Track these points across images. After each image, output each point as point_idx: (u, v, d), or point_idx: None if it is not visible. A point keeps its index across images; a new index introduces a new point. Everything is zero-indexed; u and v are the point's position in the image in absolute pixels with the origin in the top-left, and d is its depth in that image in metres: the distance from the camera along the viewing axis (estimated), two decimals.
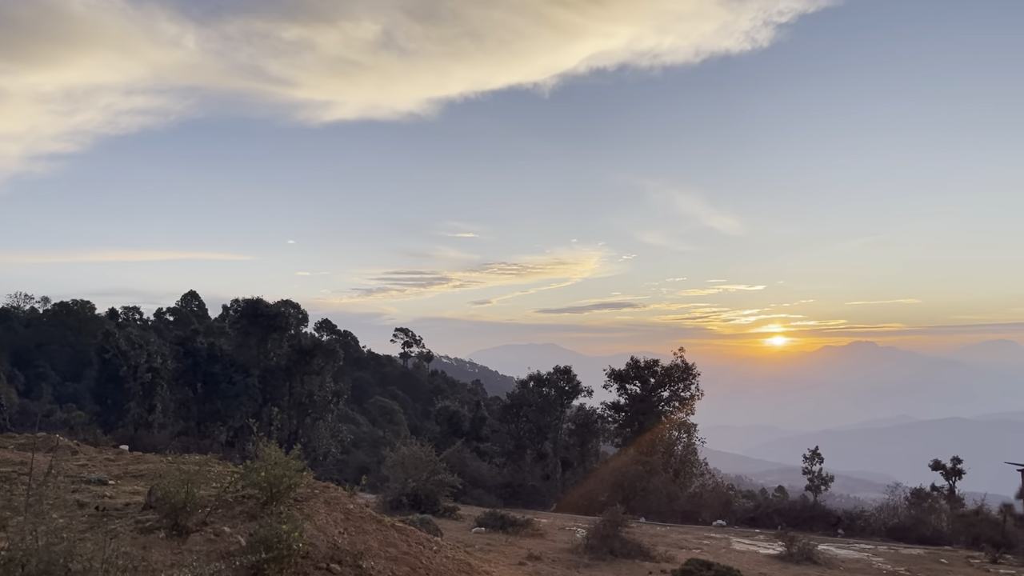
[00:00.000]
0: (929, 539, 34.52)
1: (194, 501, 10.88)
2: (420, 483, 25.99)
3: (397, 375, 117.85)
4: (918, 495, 43.71)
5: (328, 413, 60.58)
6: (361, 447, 70.89)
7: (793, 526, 32.03)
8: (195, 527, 10.92)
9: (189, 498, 10.73)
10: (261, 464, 11.75)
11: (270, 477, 11.69)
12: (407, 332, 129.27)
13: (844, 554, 26.38)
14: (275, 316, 62.62)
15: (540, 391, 56.28)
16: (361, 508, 15.18)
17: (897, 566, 24.40)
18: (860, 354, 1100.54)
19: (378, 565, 12.73)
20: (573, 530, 25.58)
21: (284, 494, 12.15)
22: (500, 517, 24.06)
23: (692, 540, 27.47)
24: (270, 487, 11.81)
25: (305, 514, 12.62)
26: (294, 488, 12.68)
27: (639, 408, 52.99)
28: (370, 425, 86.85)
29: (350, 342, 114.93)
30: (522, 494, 44.24)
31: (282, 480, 11.88)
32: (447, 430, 57.55)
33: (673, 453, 51.22)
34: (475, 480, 42.67)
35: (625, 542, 20.85)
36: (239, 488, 12.16)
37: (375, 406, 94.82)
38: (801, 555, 23.65)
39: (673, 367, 53.96)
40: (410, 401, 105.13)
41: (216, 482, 12.76)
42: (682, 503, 40.23)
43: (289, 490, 12.39)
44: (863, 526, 36.85)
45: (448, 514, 25.85)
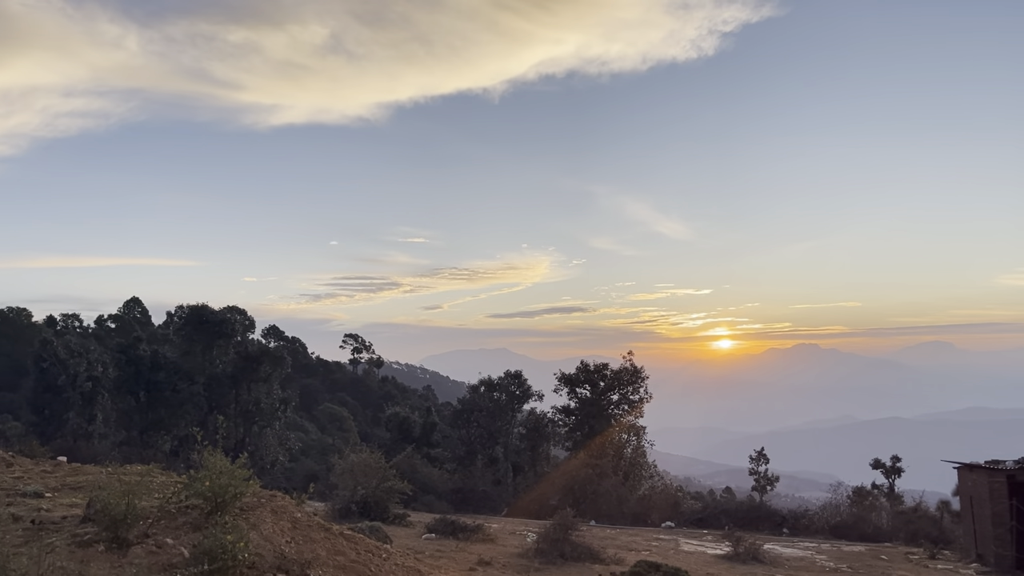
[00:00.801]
0: (870, 536, 35.42)
1: (135, 513, 10.59)
2: (369, 490, 25.78)
3: (347, 382, 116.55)
4: (860, 493, 44.87)
5: (276, 421, 59.67)
6: (310, 455, 69.94)
7: (740, 526, 32.55)
8: (136, 539, 10.65)
9: (130, 510, 10.44)
10: (205, 474, 11.52)
11: (215, 487, 11.45)
12: (357, 338, 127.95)
13: (789, 553, 26.91)
14: (221, 323, 61.51)
15: (491, 396, 56.27)
16: (309, 516, 14.99)
17: (839, 563, 24.99)
18: (804, 356, 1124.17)
19: (326, 574, 12.58)
20: (524, 535, 25.64)
21: (229, 504, 11.91)
22: (450, 523, 24.00)
23: (641, 542, 27.74)
24: (215, 497, 11.56)
25: (251, 524, 12.41)
26: (240, 497, 12.45)
27: (589, 412, 53.34)
28: (319, 432, 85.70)
29: (298, 349, 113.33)
30: (473, 499, 44.15)
31: (227, 490, 11.64)
32: (397, 436, 57.20)
33: (623, 456, 51.66)
34: (426, 486, 42.46)
35: (575, 545, 20.97)
36: (182, 498, 11.90)
37: (324, 413, 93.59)
38: (747, 555, 24.07)
39: (622, 370, 54.46)
40: (360, 408, 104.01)
41: (159, 493, 12.45)
42: (632, 505, 40.60)
43: (235, 500, 12.15)
44: (807, 525, 37.64)
45: (398, 521, 25.68)
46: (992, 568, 24.42)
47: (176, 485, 12.66)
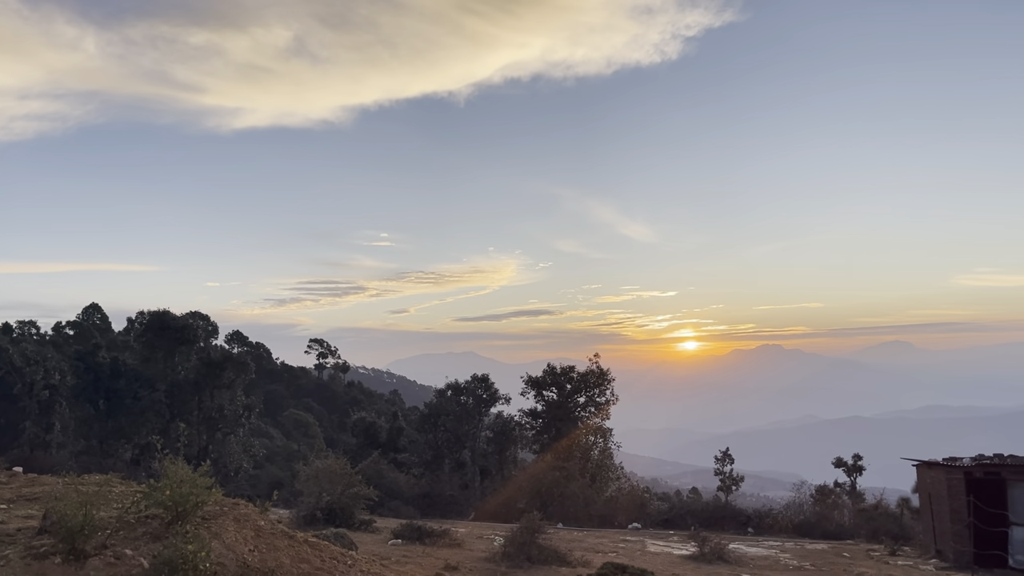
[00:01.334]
0: (833, 534, 35.92)
1: (93, 524, 10.38)
2: (335, 497, 25.55)
3: (312, 387, 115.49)
4: (822, 492, 45.51)
5: (239, 427, 58.90)
6: (275, 461, 69.20)
7: (706, 526, 32.84)
8: (94, 551, 10.44)
9: (87, 520, 10.23)
10: (166, 482, 11.35)
11: (175, 495, 11.29)
12: (322, 343, 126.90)
13: (754, 552, 27.19)
14: (183, 328, 60.59)
15: (458, 400, 56.12)
16: (273, 524, 14.82)
17: (803, 561, 25.30)
18: (768, 357, 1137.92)
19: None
20: (491, 539, 25.59)
21: (191, 513, 11.74)
22: (417, 528, 23.88)
23: (608, 544, 27.84)
24: (175, 506, 11.40)
25: (213, 532, 12.24)
26: (201, 506, 12.29)
27: (556, 414, 53.44)
28: (284, 439, 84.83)
29: (262, 354, 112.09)
30: (440, 504, 43.98)
31: (188, 498, 11.48)
32: (363, 442, 56.79)
33: (590, 458, 51.81)
34: (392, 492, 42.20)
35: (542, 549, 20.98)
36: (142, 508, 11.70)
37: (289, 419, 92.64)
38: (713, 555, 24.28)
39: (589, 373, 54.65)
40: (326, 413, 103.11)
41: (118, 503, 12.23)
42: (599, 507, 40.73)
43: (196, 508, 11.99)
44: (771, 524, 38.07)
45: (364, 527, 25.49)
46: (951, 563, 24.91)
47: (135, 495, 12.45)
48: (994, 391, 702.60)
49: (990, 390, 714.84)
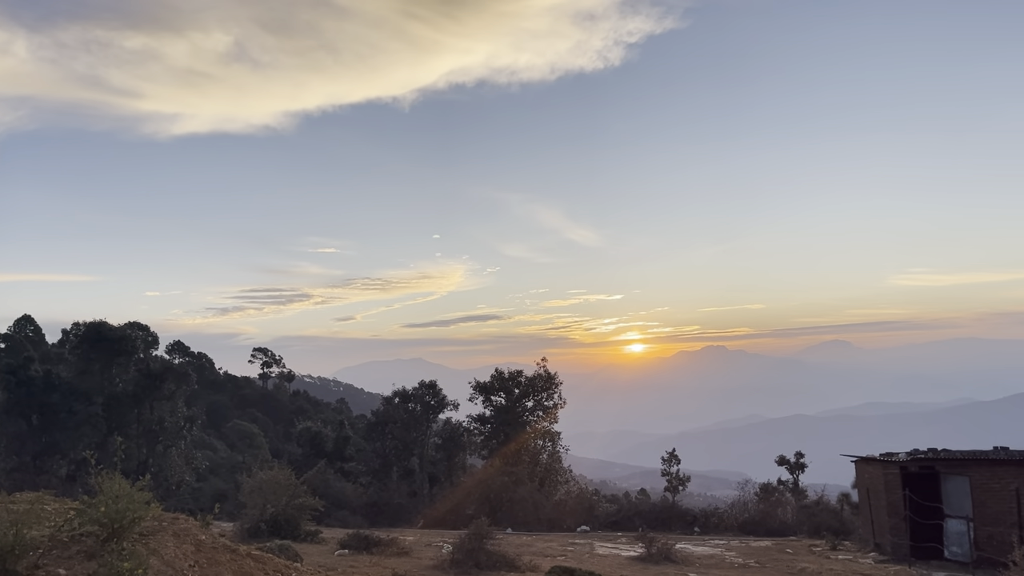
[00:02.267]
0: (777, 531, 36.65)
1: (24, 543, 10.01)
2: (279, 508, 25.11)
3: (256, 397, 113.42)
4: (766, 490, 46.37)
5: (181, 440, 57.49)
6: (219, 474, 67.74)
7: (653, 527, 33.19)
8: (26, 571, 10.08)
9: (18, 540, 9.86)
10: (101, 499, 11.00)
11: (111, 512, 10.94)
12: (266, 352, 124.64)
13: (700, 551, 27.57)
14: (120, 340, 58.91)
15: (406, 407, 55.73)
16: (214, 538, 14.50)
17: (748, 559, 25.74)
18: (713, 358, 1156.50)
19: None
20: (439, 546, 25.45)
21: (128, 529, 11.40)
22: (364, 537, 23.63)
23: (557, 547, 27.93)
24: (111, 523, 11.04)
25: (151, 549, 11.93)
26: (139, 522, 11.94)
27: (504, 419, 53.45)
28: (228, 450, 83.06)
29: (205, 364, 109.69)
30: (388, 512, 43.61)
31: (125, 514, 11.14)
32: (309, 451, 56.01)
33: (538, 462, 51.94)
34: (339, 501, 41.70)
35: (491, 554, 20.94)
36: (76, 526, 11.32)
37: (233, 430, 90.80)
38: (660, 555, 24.55)
39: (536, 377, 54.80)
40: (271, 423, 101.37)
41: (51, 521, 11.84)
42: (548, 511, 40.84)
43: (133, 524, 11.65)
44: (717, 523, 38.66)
45: (310, 538, 25.12)
46: (889, 556, 25.61)
47: (69, 512, 12.05)
48: (929, 387, 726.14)
49: (925, 387, 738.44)
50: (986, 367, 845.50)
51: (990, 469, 24.35)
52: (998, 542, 22.71)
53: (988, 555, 22.69)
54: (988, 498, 24.08)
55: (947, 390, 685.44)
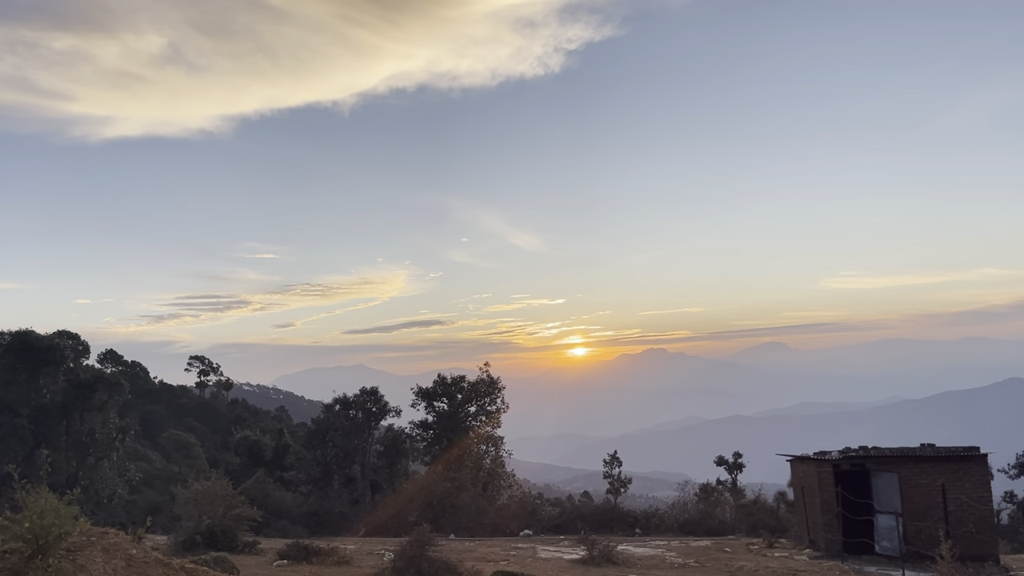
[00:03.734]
0: (716, 530, 37.23)
1: None
2: (216, 519, 24.54)
3: (193, 406, 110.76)
4: (705, 490, 47.11)
5: (113, 451, 55.79)
6: (153, 485, 65.91)
7: (595, 529, 33.40)
8: None
9: None
10: (26, 514, 10.62)
11: (36, 528, 10.57)
12: (203, 360, 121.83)
13: (641, 552, 27.86)
14: (48, 349, 56.90)
15: (347, 414, 55.09)
16: (146, 552, 14.11)
17: (687, 558, 26.11)
18: (653, 360, 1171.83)
19: None
20: (381, 554, 25.22)
21: (54, 545, 11.03)
22: (304, 547, 23.26)
23: (500, 552, 27.92)
24: (36, 539, 10.67)
25: (79, 565, 11.56)
26: (66, 537, 11.56)
27: (447, 425, 53.24)
28: (164, 461, 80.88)
29: (139, 373, 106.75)
30: (330, 521, 43.02)
31: (51, 530, 10.77)
32: (248, 461, 54.96)
33: (481, 467, 51.87)
34: (279, 511, 40.98)
35: (433, 561, 20.80)
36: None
37: (169, 440, 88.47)
38: (602, 557, 24.71)
39: (479, 382, 54.74)
40: (208, 433, 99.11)
41: None
42: (491, 516, 40.77)
43: (60, 540, 11.27)
44: (658, 524, 39.10)
45: (248, 549, 24.61)
46: (823, 552, 26.26)
47: None
48: (860, 387, 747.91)
49: (857, 386, 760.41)
50: (914, 367, 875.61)
51: (917, 465, 25.20)
52: (926, 536, 23.50)
53: (916, 549, 23.46)
54: (916, 493, 24.92)
55: (878, 389, 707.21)
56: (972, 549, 23.53)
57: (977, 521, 24.42)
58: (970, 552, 23.30)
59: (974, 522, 24.37)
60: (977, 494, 24.63)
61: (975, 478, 24.82)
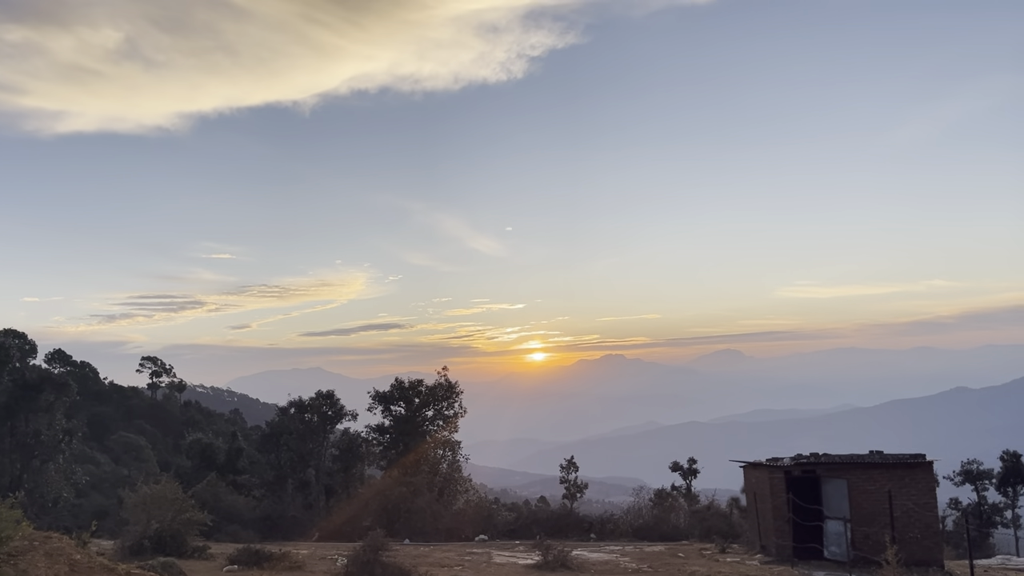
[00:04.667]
0: (670, 535, 37.56)
1: None
2: (164, 524, 24.06)
3: (145, 408, 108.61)
4: (660, 495, 47.61)
5: (59, 454, 54.42)
6: (101, 489, 64.47)
7: (551, 534, 33.44)
8: None
9: None
10: None
11: None
12: (156, 361, 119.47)
13: (595, 557, 27.97)
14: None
15: (302, 417, 54.44)
16: (91, 557, 13.81)
17: (641, 563, 26.28)
18: (611, 366, 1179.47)
19: None
20: (334, 559, 24.96)
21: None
22: (255, 552, 22.93)
23: (455, 557, 27.82)
24: None
25: (20, 570, 11.28)
26: (7, 541, 11.30)
27: (404, 429, 52.91)
28: (113, 464, 79.17)
29: (88, 374, 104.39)
30: (283, 526, 42.47)
31: None
32: (200, 464, 53.97)
33: (438, 472, 51.63)
34: (230, 515, 40.32)
35: (386, 566, 20.67)
36: None
37: (119, 443, 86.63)
38: (556, 562, 24.77)
39: (437, 386, 54.51)
40: (160, 435, 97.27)
41: None
42: (446, 521, 40.65)
43: (1, 544, 11.01)
44: (613, 529, 39.31)
45: (197, 554, 24.17)
46: (774, 557, 26.63)
47: None
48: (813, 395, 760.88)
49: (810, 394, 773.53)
50: (865, 375, 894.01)
51: (866, 472, 25.70)
52: (873, 541, 23.95)
53: (864, 554, 23.90)
54: (864, 500, 25.41)
55: (830, 397, 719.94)
56: (917, 554, 24.05)
57: (922, 527, 24.97)
58: (915, 557, 23.82)
59: (919, 528, 24.92)
60: (923, 501, 25.20)
61: (921, 485, 25.38)
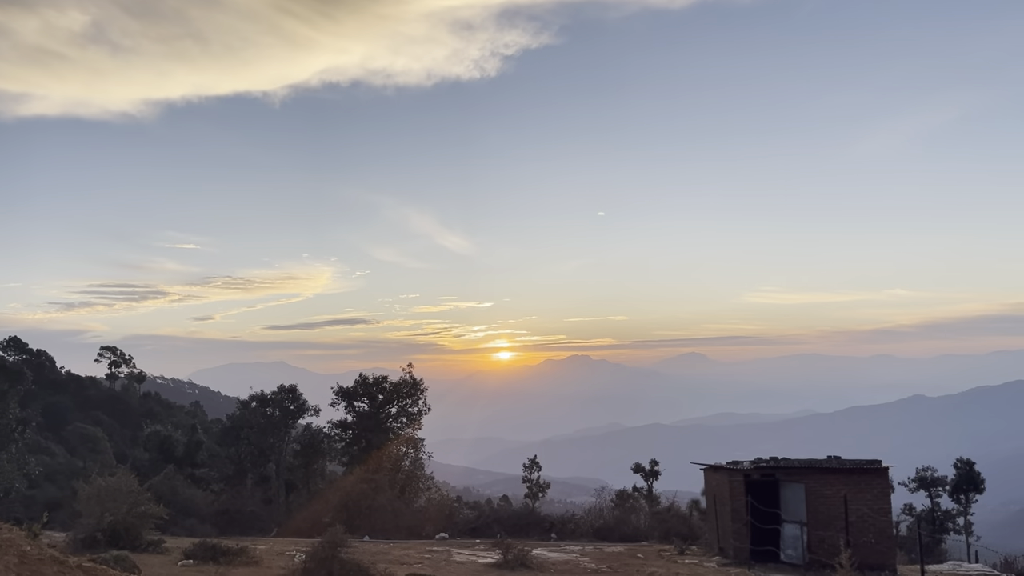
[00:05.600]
0: (630, 536, 37.78)
1: None
2: (119, 517, 23.62)
3: (102, 399, 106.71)
4: (622, 496, 47.89)
5: (12, 443, 53.29)
6: (55, 480, 63.22)
7: (512, 533, 33.49)
8: None
9: None
10: None
11: None
12: (115, 351, 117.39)
13: (555, 557, 28.04)
14: None
15: (263, 411, 53.93)
16: (42, 549, 13.51)
17: (600, 564, 26.40)
18: (577, 367, 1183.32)
19: None
20: (292, 554, 24.73)
21: None
22: (211, 547, 22.63)
23: (414, 555, 27.72)
24: None
25: None
26: None
27: (367, 425, 52.64)
28: (67, 455, 77.68)
29: (45, 363, 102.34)
30: (241, 521, 42.01)
31: None
32: (157, 457, 53.25)
33: (400, 469, 51.43)
34: (187, 509, 39.81)
35: (344, 563, 20.48)
36: None
37: (74, 433, 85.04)
38: (516, 561, 24.78)
39: (401, 383, 54.29)
40: (117, 427, 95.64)
41: None
42: (407, 518, 40.51)
43: None
44: (573, 529, 39.44)
45: (152, 548, 23.79)
46: (731, 560, 26.90)
47: None
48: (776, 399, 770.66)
49: (772, 399, 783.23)
50: (827, 381, 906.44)
51: (823, 477, 26.08)
52: (828, 545, 24.32)
53: (819, 557, 24.26)
54: (820, 504, 25.79)
55: (792, 402, 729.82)
56: (871, 559, 24.44)
57: (877, 532, 25.40)
58: (869, 562, 24.20)
59: (874, 533, 25.34)
60: (877, 506, 25.62)
61: (876, 490, 25.82)
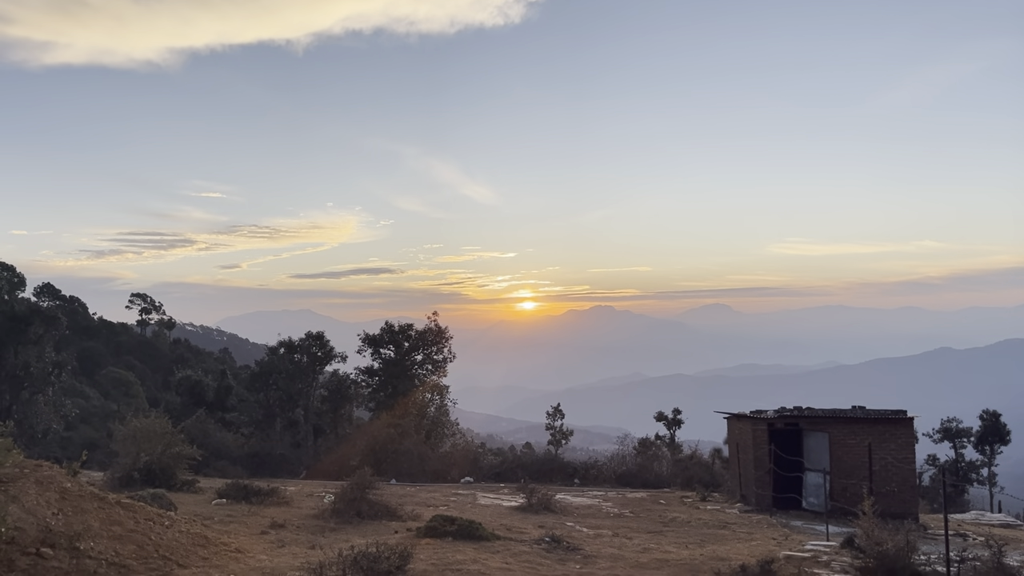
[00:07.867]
0: (652, 483, 38.19)
1: None
2: (154, 457, 24.31)
3: (134, 344, 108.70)
4: (644, 444, 48.23)
5: (48, 386, 54.61)
6: (90, 422, 64.89)
7: (535, 479, 33.96)
8: None
9: None
10: None
11: None
12: (145, 298, 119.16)
13: (578, 501, 28.48)
14: None
15: (291, 358, 54.71)
16: (81, 486, 13.97)
17: (623, 508, 26.79)
18: (600, 317, 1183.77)
19: (99, 545, 11.81)
20: (322, 496, 25.34)
21: None
22: (243, 487, 23.24)
23: (440, 498, 28.28)
24: None
25: (11, 496, 11.41)
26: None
27: (393, 372, 53.29)
28: (102, 398, 79.55)
29: (78, 309, 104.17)
30: (270, 463, 42.97)
31: None
32: (189, 401, 54.33)
33: (425, 415, 52.15)
34: (219, 451, 40.75)
35: (372, 504, 21.00)
36: None
37: (108, 378, 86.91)
38: (540, 505, 25.21)
39: (427, 331, 54.74)
40: (149, 372, 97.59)
41: None
42: (433, 463, 41.18)
43: None
44: (596, 475, 39.93)
45: (186, 487, 24.50)
46: (753, 507, 27.18)
47: None
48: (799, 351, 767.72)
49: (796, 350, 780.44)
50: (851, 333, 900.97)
51: (847, 426, 26.13)
52: (851, 493, 24.44)
53: (841, 505, 24.40)
54: (844, 453, 25.88)
55: (815, 354, 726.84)
56: (893, 507, 24.56)
57: (900, 481, 25.49)
58: (891, 510, 24.31)
59: (897, 482, 25.44)
60: (901, 455, 25.67)
61: (900, 440, 25.84)
